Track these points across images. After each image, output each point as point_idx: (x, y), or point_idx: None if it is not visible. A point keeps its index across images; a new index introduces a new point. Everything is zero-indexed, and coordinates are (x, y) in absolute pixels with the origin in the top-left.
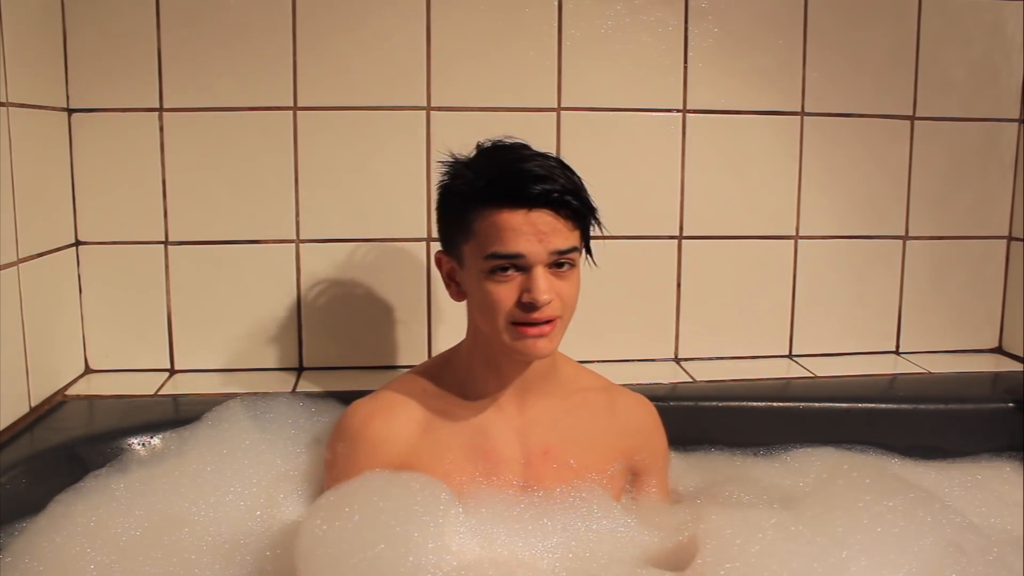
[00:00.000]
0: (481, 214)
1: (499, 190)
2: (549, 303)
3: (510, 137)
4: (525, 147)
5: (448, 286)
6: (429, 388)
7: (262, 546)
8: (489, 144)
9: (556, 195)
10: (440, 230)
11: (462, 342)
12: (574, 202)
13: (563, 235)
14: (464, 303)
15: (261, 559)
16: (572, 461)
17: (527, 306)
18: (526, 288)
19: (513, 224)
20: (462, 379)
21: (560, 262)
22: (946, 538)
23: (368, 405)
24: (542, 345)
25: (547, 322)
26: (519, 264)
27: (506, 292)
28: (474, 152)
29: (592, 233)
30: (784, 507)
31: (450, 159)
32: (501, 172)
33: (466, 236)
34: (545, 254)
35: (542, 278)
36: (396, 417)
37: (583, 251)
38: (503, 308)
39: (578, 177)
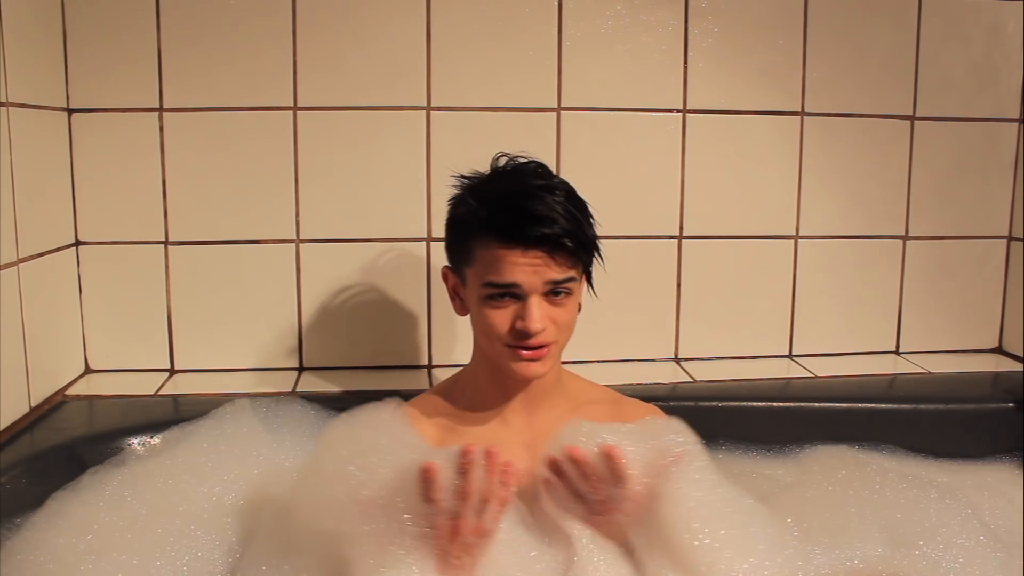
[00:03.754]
0: (481, 242)
1: (498, 225)
2: (543, 331)
3: (525, 155)
4: (537, 173)
5: (453, 300)
6: (440, 406)
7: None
8: (502, 164)
9: (553, 238)
10: (446, 247)
11: (471, 361)
12: (570, 244)
13: (560, 269)
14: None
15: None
16: None
17: (520, 333)
18: (520, 316)
19: (510, 258)
20: (471, 396)
21: (557, 291)
22: (948, 536)
23: None
24: (535, 368)
25: (542, 346)
26: (515, 292)
27: (501, 318)
28: (488, 171)
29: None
30: (785, 507)
31: (461, 180)
32: (502, 207)
33: (468, 260)
34: (540, 284)
35: (536, 307)
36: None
37: (583, 281)
38: (498, 332)
39: (584, 212)
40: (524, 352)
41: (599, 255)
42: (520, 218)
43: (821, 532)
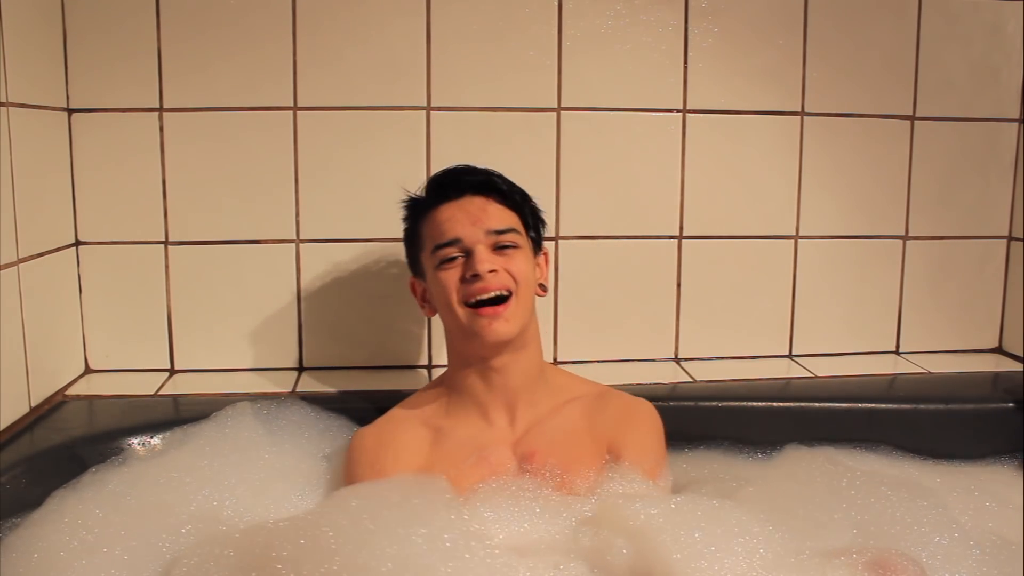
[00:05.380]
0: (423, 219)
1: (431, 191)
2: (494, 273)
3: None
4: (469, 165)
5: (422, 307)
6: (424, 412)
7: (258, 542)
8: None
9: (480, 179)
10: (406, 255)
11: (448, 365)
12: (501, 185)
13: (497, 216)
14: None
15: (256, 555)
16: (555, 464)
17: (472, 280)
18: (469, 265)
19: (447, 215)
20: (448, 401)
21: (502, 244)
22: (944, 537)
23: (375, 426)
24: (498, 327)
25: (500, 302)
26: (461, 248)
27: (452, 276)
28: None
29: (544, 231)
30: (781, 507)
31: (408, 196)
32: (433, 178)
33: (420, 245)
34: (482, 234)
35: (482, 252)
36: (405, 432)
37: (528, 237)
38: (452, 289)
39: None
40: (485, 310)
41: (534, 209)
42: (446, 176)
43: (808, 529)
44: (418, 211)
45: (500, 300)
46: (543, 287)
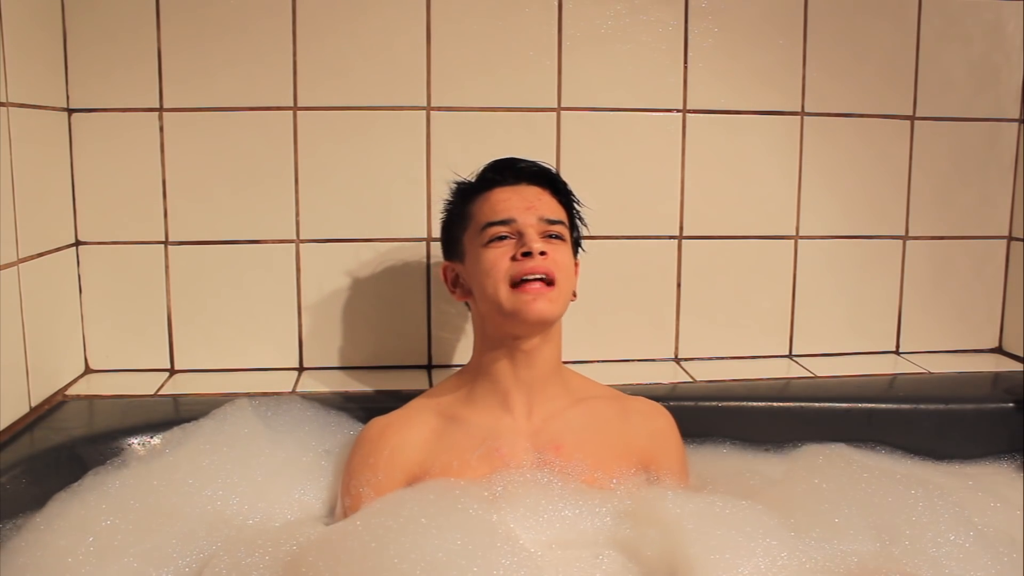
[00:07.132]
0: (476, 199)
1: (490, 174)
2: (544, 255)
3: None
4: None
5: (453, 292)
6: (443, 400)
7: (262, 542)
8: None
9: (537, 170)
10: (443, 243)
11: (472, 356)
12: (556, 179)
13: (550, 206)
14: (470, 316)
15: (261, 556)
16: (584, 458)
17: (523, 258)
18: (520, 244)
19: (504, 196)
20: (472, 388)
21: (551, 233)
22: (946, 536)
23: (385, 418)
24: (541, 306)
25: (547, 284)
26: (513, 229)
27: (501, 253)
28: None
29: (578, 233)
30: (781, 507)
31: (456, 179)
32: (493, 165)
33: (465, 225)
34: (534, 219)
35: (534, 235)
36: (411, 427)
37: (572, 238)
38: (500, 267)
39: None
40: (529, 287)
41: (581, 220)
42: (507, 163)
43: (813, 528)
44: (469, 193)
45: (547, 282)
46: (573, 294)
